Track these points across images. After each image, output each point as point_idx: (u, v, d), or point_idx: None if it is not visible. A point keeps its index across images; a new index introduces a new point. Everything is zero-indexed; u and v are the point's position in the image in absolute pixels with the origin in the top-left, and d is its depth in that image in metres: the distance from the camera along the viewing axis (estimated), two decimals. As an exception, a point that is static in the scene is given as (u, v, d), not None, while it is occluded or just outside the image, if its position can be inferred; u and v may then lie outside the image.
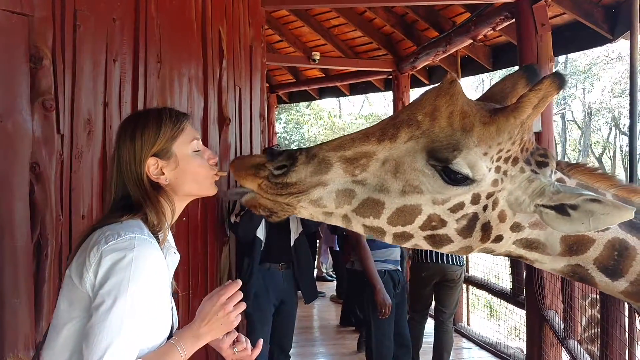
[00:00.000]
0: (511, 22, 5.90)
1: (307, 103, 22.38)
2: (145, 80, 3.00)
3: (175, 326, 1.68)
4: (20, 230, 2.14)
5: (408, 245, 1.50)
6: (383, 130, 1.44)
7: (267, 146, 5.31)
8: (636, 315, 2.88)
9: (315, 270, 9.04)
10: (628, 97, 4.41)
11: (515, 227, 1.49)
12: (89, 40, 2.54)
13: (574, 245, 1.50)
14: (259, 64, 5.26)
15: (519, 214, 1.47)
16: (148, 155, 1.58)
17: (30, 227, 2.18)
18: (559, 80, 1.35)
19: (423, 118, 1.41)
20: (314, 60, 8.91)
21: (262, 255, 4.08)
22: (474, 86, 25.89)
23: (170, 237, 1.69)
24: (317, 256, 9.27)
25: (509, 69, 7.79)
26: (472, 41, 6.89)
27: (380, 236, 1.48)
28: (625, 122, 25.38)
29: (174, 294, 1.75)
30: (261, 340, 1.83)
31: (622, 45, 21.06)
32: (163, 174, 1.60)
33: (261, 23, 5.50)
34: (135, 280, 1.41)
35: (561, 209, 1.37)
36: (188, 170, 1.63)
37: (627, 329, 2.93)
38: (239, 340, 1.74)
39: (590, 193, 1.35)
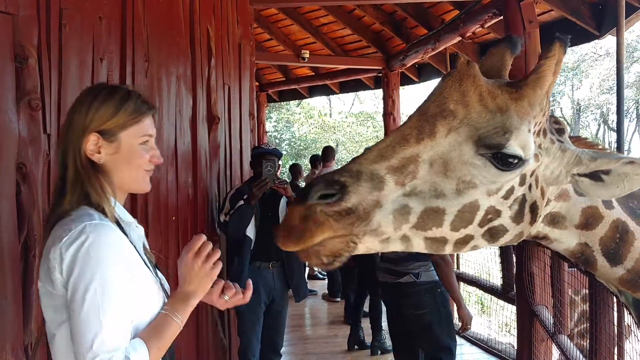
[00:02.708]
0: (499, 19, 5.93)
1: (297, 101, 22.42)
2: (133, 79, 2.97)
3: None
4: (7, 231, 2.12)
5: (465, 250, 1.39)
6: (419, 129, 1.31)
7: (256, 145, 5.29)
8: (625, 309, 2.90)
9: (307, 269, 9.03)
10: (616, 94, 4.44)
11: (547, 203, 1.45)
12: (75, 39, 2.51)
13: (590, 218, 1.49)
14: (248, 62, 5.25)
15: (550, 187, 1.42)
16: (93, 129, 1.55)
17: (17, 228, 2.16)
18: (564, 42, 1.35)
19: (455, 106, 1.31)
20: (304, 58, 8.93)
21: (252, 254, 4.07)
22: (463, 83, 25.93)
23: (124, 212, 1.65)
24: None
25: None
26: (460, 38, 6.93)
27: (440, 247, 1.34)
28: (613, 118, 25.61)
29: (156, 264, 1.73)
30: (250, 280, 1.82)
31: (610, 42, 21.26)
32: (99, 152, 1.57)
33: (250, 21, 5.49)
34: (99, 265, 1.41)
35: (594, 176, 1.36)
36: (125, 159, 1.59)
37: (615, 323, 2.96)
38: (227, 287, 1.73)
39: (624, 156, 1.35)
